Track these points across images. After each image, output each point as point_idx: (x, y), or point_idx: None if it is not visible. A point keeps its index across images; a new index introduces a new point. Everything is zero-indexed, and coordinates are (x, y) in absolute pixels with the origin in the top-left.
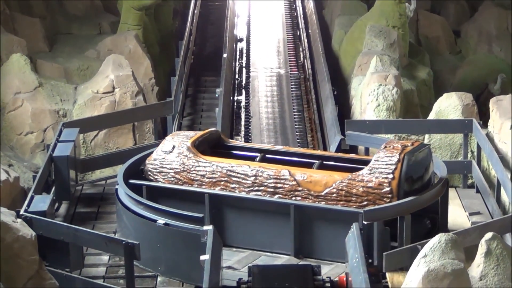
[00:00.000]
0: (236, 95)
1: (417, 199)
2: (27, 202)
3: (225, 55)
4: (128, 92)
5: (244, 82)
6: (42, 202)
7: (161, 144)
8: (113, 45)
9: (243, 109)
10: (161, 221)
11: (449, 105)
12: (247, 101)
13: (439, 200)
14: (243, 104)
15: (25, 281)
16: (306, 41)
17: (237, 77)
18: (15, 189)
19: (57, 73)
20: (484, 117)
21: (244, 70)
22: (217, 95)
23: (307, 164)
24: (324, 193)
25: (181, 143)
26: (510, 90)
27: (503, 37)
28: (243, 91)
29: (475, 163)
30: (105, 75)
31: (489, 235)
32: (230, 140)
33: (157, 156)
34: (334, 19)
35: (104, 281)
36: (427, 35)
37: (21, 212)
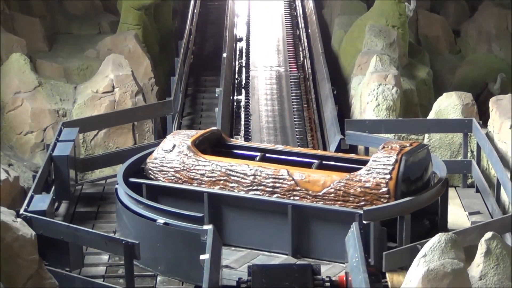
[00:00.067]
0: (235, 94)
1: (417, 198)
2: (27, 201)
3: (224, 55)
4: (127, 91)
5: (243, 81)
6: (42, 201)
7: (162, 142)
8: (113, 45)
9: (242, 109)
10: (161, 220)
11: (449, 105)
12: (246, 101)
13: (438, 199)
14: (242, 103)
15: (25, 281)
16: (305, 40)
17: (236, 76)
18: (15, 189)
19: (57, 72)
20: (483, 117)
21: (243, 69)
22: (216, 95)
23: (307, 164)
24: (322, 193)
25: (181, 142)
26: (510, 89)
27: (503, 36)
28: (243, 91)
29: (474, 163)
30: (104, 74)
31: (488, 234)
32: (231, 139)
33: (158, 154)
34: (333, 19)
35: (103, 281)
36: (426, 34)
37: (21, 211)
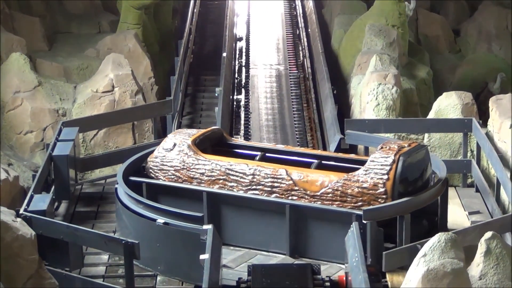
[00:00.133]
0: (235, 94)
1: (417, 198)
2: (26, 201)
3: (224, 54)
4: (127, 91)
5: (243, 81)
6: (41, 201)
7: (163, 141)
8: (113, 44)
9: (242, 108)
10: (161, 220)
11: (449, 104)
12: (246, 100)
13: (438, 199)
14: (242, 103)
15: (24, 281)
16: (305, 40)
17: (236, 76)
18: (15, 188)
19: (57, 72)
20: (483, 116)
21: (243, 69)
22: (216, 94)
23: (307, 164)
24: (320, 193)
25: (182, 141)
26: (509, 89)
27: (503, 36)
28: (243, 90)
29: (474, 163)
30: (104, 74)
31: (488, 234)
32: (232, 138)
33: (158, 153)
34: (333, 18)
35: (103, 281)
36: (426, 34)
37: (21, 211)
